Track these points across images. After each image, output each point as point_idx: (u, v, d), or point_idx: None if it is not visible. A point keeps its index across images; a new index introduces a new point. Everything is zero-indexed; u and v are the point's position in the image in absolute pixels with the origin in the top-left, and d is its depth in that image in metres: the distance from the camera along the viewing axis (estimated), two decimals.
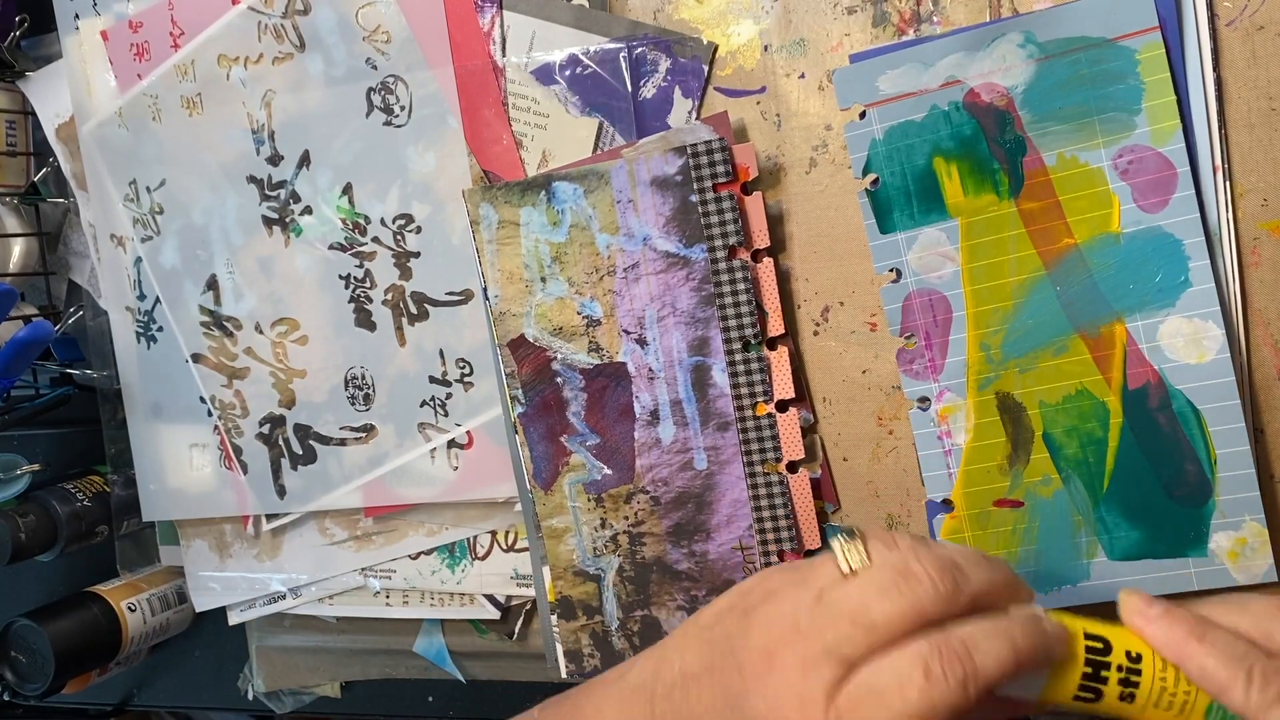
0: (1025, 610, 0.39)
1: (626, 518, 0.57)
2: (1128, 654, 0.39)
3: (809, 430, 0.56)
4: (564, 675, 0.60)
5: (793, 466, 0.56)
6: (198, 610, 0.73)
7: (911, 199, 0.52)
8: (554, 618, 0.60)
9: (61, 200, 0.73)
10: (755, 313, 0.54)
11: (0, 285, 0.65)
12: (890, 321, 0.53)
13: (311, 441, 0.66)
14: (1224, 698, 0.37)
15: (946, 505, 0.53)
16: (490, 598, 0.65)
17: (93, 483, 0.75)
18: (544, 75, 0.58)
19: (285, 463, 0.67)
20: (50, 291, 0.75)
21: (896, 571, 0.38)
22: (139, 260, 0.69)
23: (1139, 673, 0.38)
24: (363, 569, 0.67)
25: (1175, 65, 0.48)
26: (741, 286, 0.54)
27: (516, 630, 0.65)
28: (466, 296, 0.61)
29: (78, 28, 0.69)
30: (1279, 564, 0.49)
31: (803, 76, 0.55)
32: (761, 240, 0.55)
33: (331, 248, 0.64)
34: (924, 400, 0.53)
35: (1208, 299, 0.48)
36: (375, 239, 0.63)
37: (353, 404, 0.65)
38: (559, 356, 0.57)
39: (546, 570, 0.59)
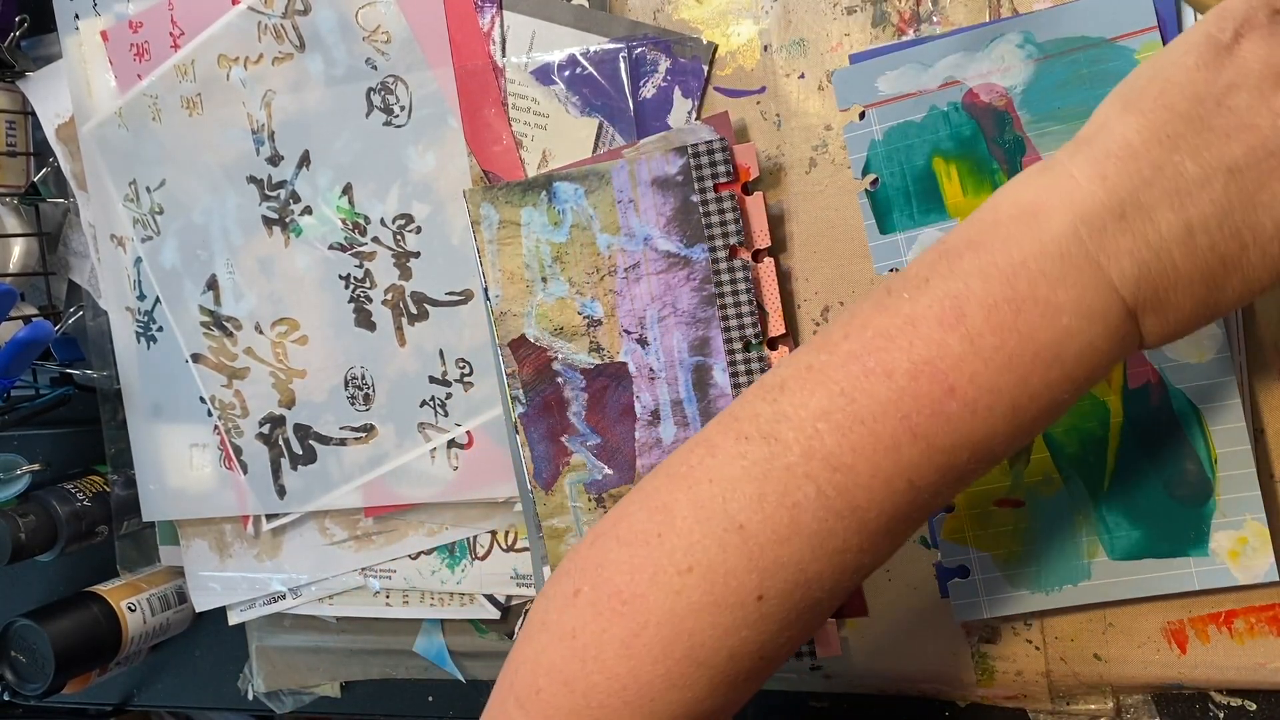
0: None
1: None
2: None
3: None
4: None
5: None
6: (198, 610, 0.73)
7: (911, 199, 0.52)
8: None
9: (61, 200, 0.73)
10: (756, 313, 0.54)
11: (0, 285, 0.65)
12: None
13: (311, 441, 0.66)
14: None
15: (947, 505, 0.53)
16: (490, 598, 0.65)
17: (93, 483, 0.75)
18: (544, 75, 0.59)
19: (285, 463, 0.67)
20: (50, 291, 0.75)
21: None
22: (139, 260, 0.69)
23: None
24: (363, 569, 0.67)
25: None
26: (742, 286, 0.54)
27: (517, 630, 0.65)
28: (466, 296, 0.61)
29: (78, 28, 0.69)
30: None
31: (802, 76, 0.55)
32: (762, 240, 0.55)
33: (331, 248, 0.64)
34: None
35: None
36: (375, 239, 0.63)
37: (353, 404, 0.65)
38: (560, 356, 0.57)
39: (547, 570, 0.59)
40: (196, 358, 0.68)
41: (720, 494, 0.37)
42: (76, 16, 0.68)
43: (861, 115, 0.52)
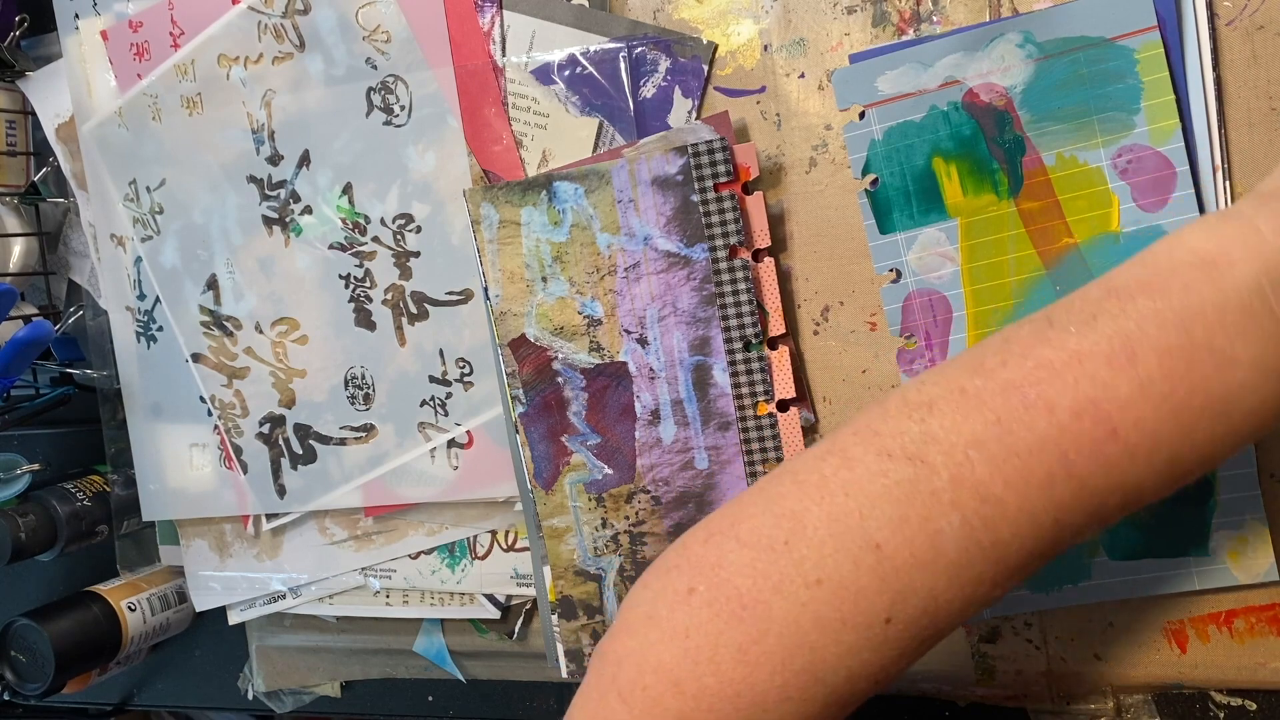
0: None
1: (627, 517, 0.58)
2: None
3: (810, 430, 0.56)
4: (565, 675, 0.60)
5: None
6: (198, 610, 0.73)
7: (911, 199, 0.52)
8: (555, 617, 0.60)
9: (61, 200, 0.73)
10: (756, 312, 0.55)
11: (0, 285, 0.65)
12: (890, 321, 0.53)
13: (311, 441, 0.66)
14: None
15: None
16: (490, 597, 0.65)
17: (93, 482, 0.75)
18: (544, 75, 0.59)
19: (285, 462, 0.67)
20: (50, 291, 0.76)
21: None
22: (139, 260, 0.69)
23: None
24: (363, 569, 0.67)
25: (1175, 65, 0.48)
26: (742, 286, 0.54)
27: (516, 630, 0.65)
28: (466, 296, 0.61)
29: (78, 28, 0.69)
30: None
31: (803, 76, 0.55)
32: (762, 240, 0.55)
33: (331, 247, 0.64)
34: None
35: None
36: (375, 239, 0.63)
37: (353, 404, 0.65)
38: (560, 356, 0.57)
39: (547, 570, 0.59)
40: (196, 357, 0.68)
41: (857, 509, 0.36)
42: (76, 16, 0.68)
43: (861, 115, 0.52)
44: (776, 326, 0.55)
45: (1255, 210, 0.35)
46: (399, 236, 0.62)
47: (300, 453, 0.67)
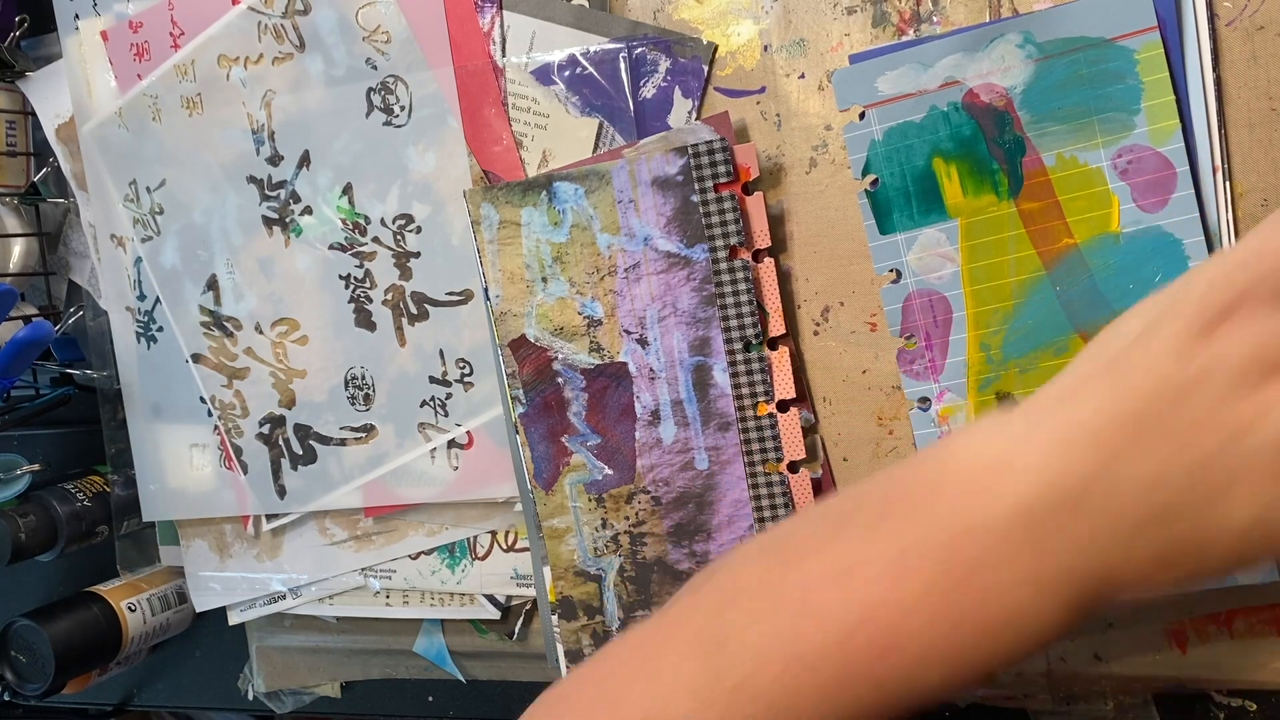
0: None
1: (627, 518, 0.58)
2: None
3: (810, 430, 0.56)
4: (564, 676, 0.60)
5: (793, 466, 0.56)
6: (198, 610, 0.73)
7: (911, 200, 0.52)
8: (555, 618, 0.60)
9: (61, 200, 0.73)
10: (756, 313, 0.55)
11: (0, 285, 0.65)
12: (890, 322, 0.53)
13: (311, 441, 0.66)
14: None
15: None
16: (490, 598, 0.65)
17: (93, 483, 0.75)
18: (544, 75, 0.59)
19: (285, 463, 0.67)
20: (50, 291, 0.76)
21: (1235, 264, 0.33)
22: (139, 260, 0.69)
23: None
24: (363, 569, 0.67)
25: (1175, 65, 0.48)
26: (742, 286, 0.54)
27: (517, 630, 0.65)
28: (466, 296, 0.61)
29: (78, 28, 0.69)
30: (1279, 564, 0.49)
31: (803, 76, 0.55)
32: (762, 240, 0.55)
33: (331, 248, 0.64)
34: (924, 400, 0.53)
35: None
36: (375, 239, 0.63)
37: (353, 404, 0.65)
38: (560, 356, 0.57)
39: (547, 570, 0.59)
40: (196, 358, 0.68)
41: (665, 697, 0.36)
42: (76, 16, 0.68)
43: (861, 115, 0.52)
44: (776, 327, 0.55)
45: (1033, 424, 0.34)
46: (399, 237, 0.62)
47: (300, 453, 0.67)
